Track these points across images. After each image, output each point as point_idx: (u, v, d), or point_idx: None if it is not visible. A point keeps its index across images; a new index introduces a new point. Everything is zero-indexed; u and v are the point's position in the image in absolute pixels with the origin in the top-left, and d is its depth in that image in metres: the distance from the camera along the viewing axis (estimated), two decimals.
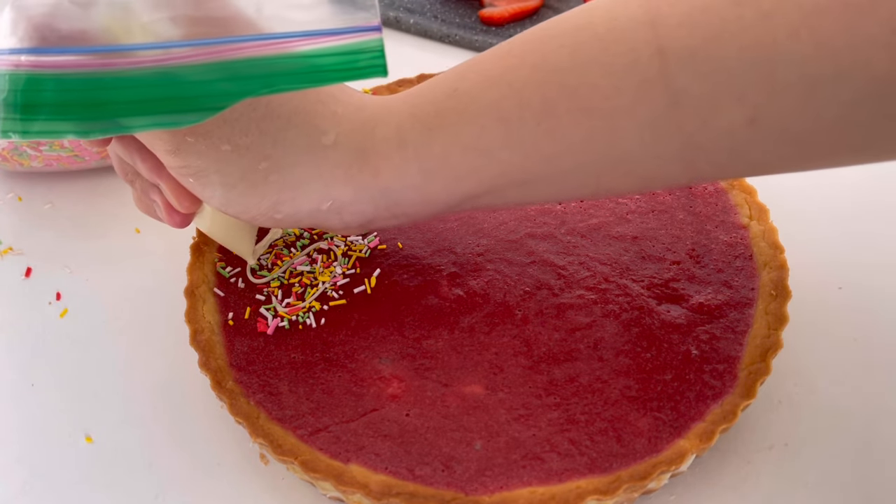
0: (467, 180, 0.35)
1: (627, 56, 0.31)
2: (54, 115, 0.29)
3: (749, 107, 0.30)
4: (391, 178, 0.35)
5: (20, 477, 0.40)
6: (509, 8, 0.65)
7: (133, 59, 0.29)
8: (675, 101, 0.31)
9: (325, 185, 0.35)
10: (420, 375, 0.39)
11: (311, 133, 0.35)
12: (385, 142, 0.35)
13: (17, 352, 0.46)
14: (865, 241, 0.48)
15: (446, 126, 0.34)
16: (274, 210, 0.36)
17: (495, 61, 0.34)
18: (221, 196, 0.35)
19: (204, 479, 0.39)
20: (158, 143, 0.34)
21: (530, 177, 0.34)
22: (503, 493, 0.35)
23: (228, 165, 0.34)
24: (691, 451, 0.36)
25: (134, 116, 0.30)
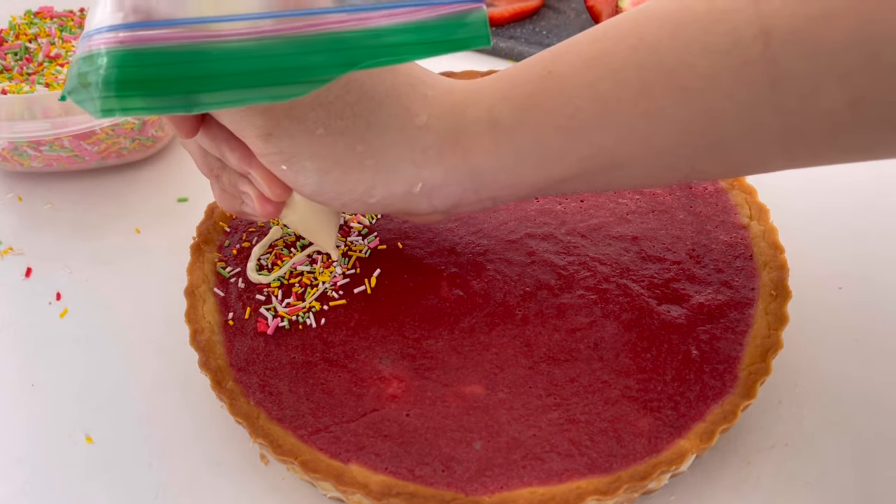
0: (559, 162, 0.34)
1: (729, 36, 0.31)
2: (153, 91, 0.29)
3: (852, 88, 0.29)
4: (482, 158, 0.35)
5: (20, 477, 0.40)
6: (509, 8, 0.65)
7: (226, 32, 0.29)
8: (777, 82, 0.30)
9: (417, 166, 0.35)
10: (420, 375, 0.39)
11: (403, 115, 0.35)
12: (476, 123, 0.35)
13: (17, 352, 0.46)
14: (865, 242, 0.48)
15: (539, 107, 0.34)
16: (368, 194, 0.35)
17: (590, 43, 0.34)
18: (315, 182, 0.35)
19: (204, 479, 0.39)
20: (250, 128, 0.34)
21: (623, 159, 0.34)
22: (503, 493, 0.35)
23: (323, 149, 0.34)
24: (691, 452, 0.36)
25: (229, 90, 0.29)
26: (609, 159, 0.34)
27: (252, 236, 0.45)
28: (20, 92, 0.53)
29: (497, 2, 0.66)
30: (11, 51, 0.57)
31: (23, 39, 0.58)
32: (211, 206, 0.47)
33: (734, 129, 0.32)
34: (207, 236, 0.45)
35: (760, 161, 0.33)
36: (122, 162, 0.55)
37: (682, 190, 0.46)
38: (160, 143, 0.56)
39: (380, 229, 0.45)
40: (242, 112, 0.33)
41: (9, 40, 0.58)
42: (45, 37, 0.59)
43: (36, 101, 0.49)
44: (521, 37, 0.64)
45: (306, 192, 0.36)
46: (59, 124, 0.49)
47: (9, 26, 0.59)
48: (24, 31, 0.59)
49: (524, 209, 0.46)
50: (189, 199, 0.53)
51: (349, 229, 0.45)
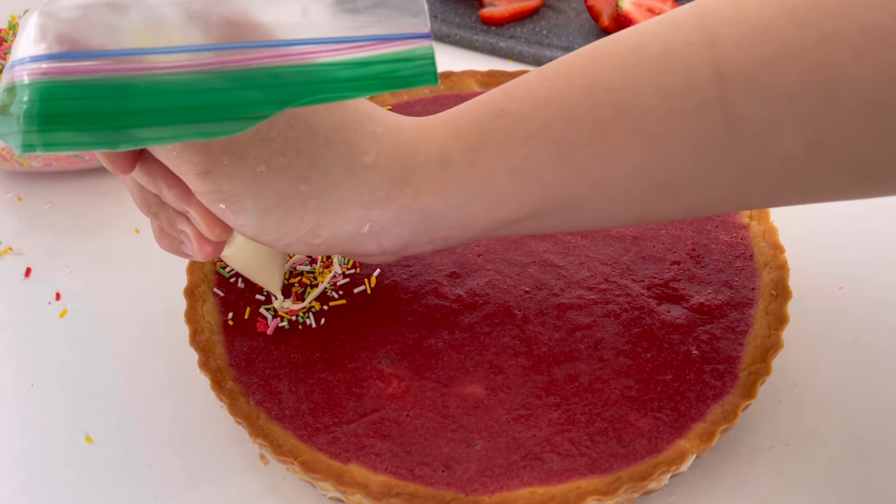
0: (511, 203, 0.34)
1: (684, 78, 0.30)
2: (77, 125, 0.27)
3: (809, 132, 0.29)
4: (433, 199, 0.34)
5: (20, 477, 0.40)
6: (509, 8, 0.65)
7: (162, 65, 0.28)
8: (733, 125, 0.30)
9: (364, 206, 0.34)
10: (420, 375, 0.39)
11: (350, 153, 0.34)
12: (427, 162, 0.34)
13: (17, 352, 0.46)
14: (866, 242, 0.47)
15: (493, 146, 0.33)
16: (312, 235, 0.34)
17: (542, 81, 0.33)
18: (256, 223, 0.33)
19: (204, 479, 0.39)
20: (188, 166, 0.32)
21: (576, 201, 0.33)
22: (503, 493, 0.35)
23: (264, 189, 0.33)
24: (692, 452, 0.36)
25: (162, 126, 0.28)
26: (562, 201, 0.33)
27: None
28: None
29: (497, 2, 0.66)
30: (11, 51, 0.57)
31: None
32: None
33: (690, 171, 0.31)
34: None
35: (715, 202, 0.33)
36: None
37: None
38: None
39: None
40: (179, 148, 0.32)
41: (9, 40, 0.58)
42: None
43: None
44: (521, 37, 0.64)
45: (247, 233, 0.34)
46: None
47: (8, 26, 0.59)
48: None
49: None
50: None
51: None
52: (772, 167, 0.30)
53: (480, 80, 0.53)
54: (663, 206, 0.33)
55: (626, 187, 0.32)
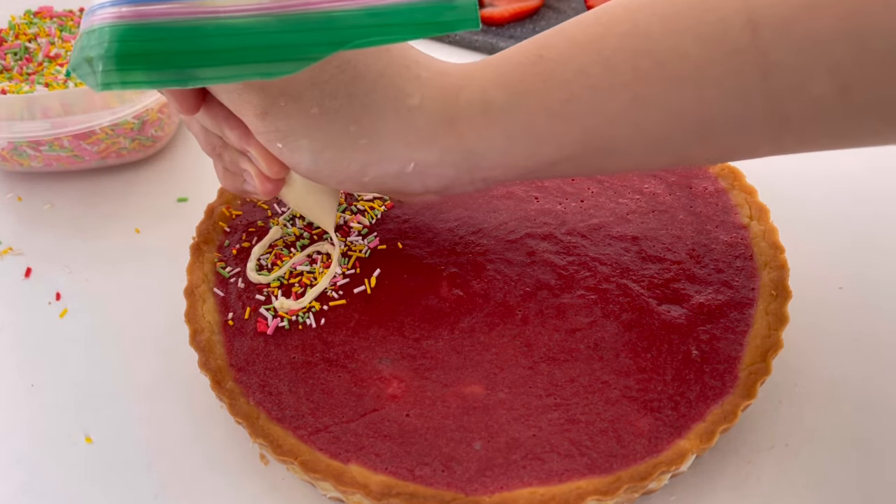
0: (550, 145, 0.35)
1: (718, 25, 0.31)
2: (150, 65, 0.30)
3: (841, 77, 0.30)
4: (475, 140, 0.35)
5: (20, 477, 0.40)
6: (509, 8, 0.65)
7: (226, 8, 0.30)
8: (766, 71, 0.31)
9: (410, 146, 0.35)
10: (420, 375, 0.39)
11: (397, 96, 0.35)
12: (469, 105, 0.35)
13: (17, 352, 0.46)
14: (865, 242, 0.48)
15: (532, 91, 0.34)
16: (362, 173, 0.36)
17: (582, 28, 0.35)
18: (310, 161, 0.35)
19: (204, 479, 0.39)
20: (247, 106, 0.34)
21: (613, 144, 0.34)
22: (503, 493, 0.35)
23: (318, 129, 0.35)
24: (692, 452, 0.36)
25: (225, 66, 0.30)
26: (601, 144, 0.34)
27: (252, 236, 0.45)
28: (20, 92, 0.53)
29: (497, 2, 0.66)
30: (11, 51, 0.57)
31: (22, 39, 0.58)
32: (211, 206, 0.47)
33: (724, 117, 0.32)
34: (207, 236, 0.45)
35: (750, 147, 0.34)
36: (121, 162, 0.55)
37: (682, 190, 0.46)
38: (160, 143, 0.56)
39: (380, 229, 0.45)
40: (240, 90, 0.34)
41: (8, 40, 0.58)
42: (44, 37, 0.59)
43: (36, 101, 0.49)
44: (521, 37, 0.64)
45: (302, 171, 0.36)
46: (58, 124, 0.49)
47: (8, 26, 0.59)
48: (24, 31, 0.59)
49: (524, 209, 0.46)
50: (189, 199, 0.53)
51: (349, 229, 0.45)
52: (804, 112, 0.31)
53: None
54: (699, 150, 0.34)
55: (662, 131, 0.33)
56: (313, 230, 0.45)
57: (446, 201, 0.46)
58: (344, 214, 0.46)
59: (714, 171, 0.47)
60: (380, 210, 0.46)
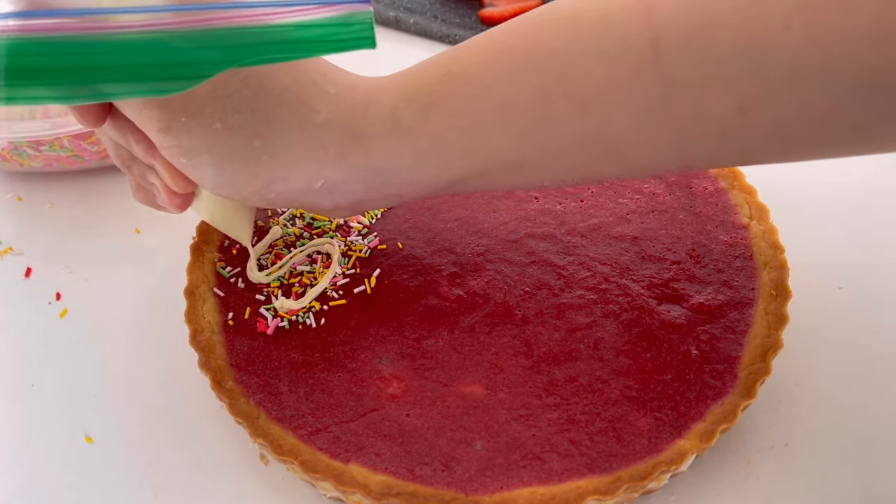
0: (459, 162, 0.35)
1: (621, 44, 0.31)
2: (39, 80, 0.29)
3: (739, 96, 0.30)
4: (383, 157, 0.35)
5: (20, 477, 0.40)
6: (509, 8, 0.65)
7: (120, 24, 0.29)
8: (668, 88, 0.31)
9: (317, 163, 0.35)
10: (420, 375, 0.39)
11: (302, 111, 0.35)
12: (378, 122, 0.35)
13: (17, 352, 0.46)
14: (865, 241, 0.48)
15: (440, 107, 0.34)
16: (266, 189, 0.35)
17: (488, 44, 0.35)
18: (213, 176, 0.35)
19: (204, 479, 0.39)
20: (149, 121, 0.34)
21: (522, 160, 0.34)
22: (503, 493, 0.35)
23: (220, 144, 0.34)
24: (691, 451, 0.36)
25: (119, 83, 0.29)
26: (509, 160, 0.34)
27: (251, 236, 0.45)
28: None
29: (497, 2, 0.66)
30: None
31: None
32: None
33: (628, 134, 0.33)
34: (207, 236, 0.45)
35: (656, 163, 0.34)
36: None
37: (682, 190, 0.46)
38: None
39: (380, 229, 0.45)
40: (142, 105, 0.34)
41: None
42: None
43: None
44: None
45: (206, 186, 0.36)
46: (59, 124, 0.49)
47: None
48: None
49: (524, 209, 0.46)
50: None
51: (349, 229, 0.45)
52: (705, 130, 0.32)
53: None
54: (607, 166, 0.34)
55: (568, 148, 0.34)
56: (313, 230, 0.45)
57: (446, 201, 0.46)
58: None
59: (714, 170, 0.47)
60: (380, 210, 0.46)
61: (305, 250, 0.44)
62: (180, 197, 0.38)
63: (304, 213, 0.46)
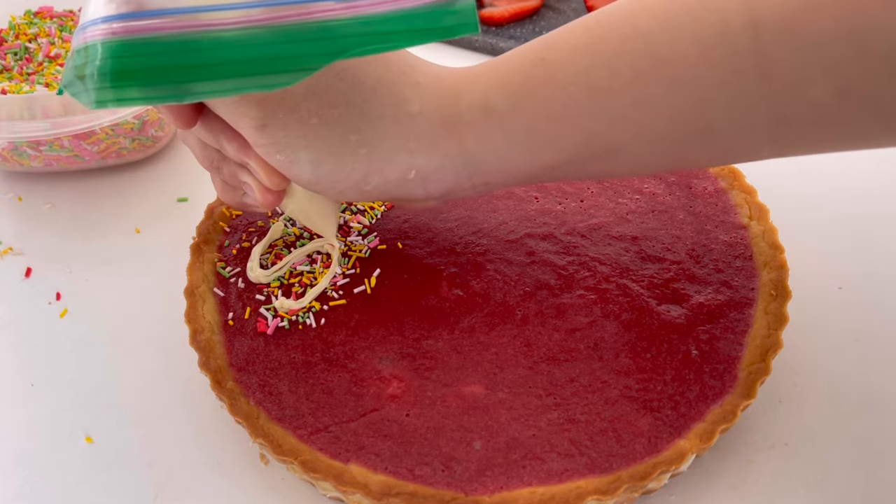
0: (551, 148, 0.35)
1: (719, 26, 0.31)
2: (145, 81, 0.29)
3: (839, 79, 0.30)
4: (476, 145, 0.35)
5: (20, 477, 0.40)
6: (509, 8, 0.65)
7: (218, 21, 0.29)
8: (766, 72, 0.31)
9: (411, 153, 0.35)
10: (420, 375, 0.39)
11: (396, 103, 0.35)
12: (470, 109, 0.35)
13: (17, 352, 0.46)
14: (865, 242, 0.48)
15: (533, 94, 0.34)
16: (363, 182, 0.36)
17: (583, 31, 0.34)
18: (311, 171, 0.35)
19: (204, 479, 0.39)
20: (245, 119, 0.34)
21: (614, 147, 0.34)
22: (503, 493, 0.35)
23: (317, 139, 0.34)
24: (691, 451, 0.36)
25: (221, 80, 0.29)
26: (601, 147, 0.34)
27: (252, 236, 0.45)
28: (20, 92, 0.53)
29: (497, 2, 0.66)
30: (11, 51, 0.57)
31: (23, 39, 0.58)
32: (211, 206, 0.47)
33: (724, 118, 0.32)
34: (207, 236, 0.45)
35: (749, 149, 0.34)
36: (122, 162, 0.55)
37: (682, 190, 0.46)
38: (160, 143, 0.56)
39: (380, 229, 0.45)
40: (237, 103, 0.34)
41: (9, 40, 0.58)
42: (44, 37, 0.59)
43: (36, 101, 0.49)
44: (521, 37, 0.64)
45: (302, 182, 0.36)
46: (59, 124, 0.49)
47: (9, 26, 0.59)
48: (24, 31, 0.59)
49: (524, 209, 0.46)
50: (189, 199, 0.53)
51: (349, 229, 0.45)
52: (803, 114, 0.31)
53: None
54: (699, 152, 0.34)
55: (662, 134, 0.33)
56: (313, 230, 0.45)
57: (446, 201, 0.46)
58: (344, 214, 0.46)
59: (714, 170, 0.47)
60: (380, 210, 0.46)
61: (305, 250, 0.44)
62: (273, 194, 0.38)
63: None
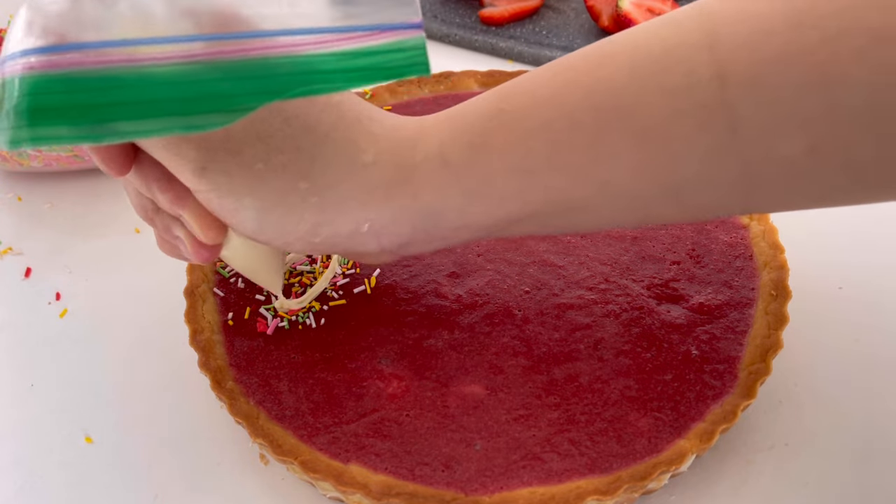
0: (510, 203, 0.33)
1: (686, 77, 0.30)
2: (65, 119, 0.27)
3: (810, 135, 0.28)
4: (432, 198, 0.33)
5: (19, 477, 0.40)
6: (509, 8, 0.65)
7: (150, 56, 0.27)
8: (735, 127, 0.29)
9: (363, 205, 0.33)
10: (420, 375, 0.39)
11: (349, 151, 0.33)
12: (426, 161, 0.33)
13: (17, 352, 0.46)
14: (865, 241, 0.48)
15: (491, 146, 0.33)
16: (312, 234, 0.34)
17: (544, 81, 0.33)
18: (255, 221, 0.33)
19: (204, 479, 0.39)
20: (183, 162, 0.32)
21: (576, 203, 0.33)
22: (503, 493, 0.35)
23: (263, 186, 0.32)
24: (691, 452, 0.36)
25: (152, 119, 0.27)
26: (563, 203, 0.33)
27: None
28: None
29: (497, 2, 0.66)
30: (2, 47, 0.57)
31: None
32: None
33: (692, 174, 0.31)
34: None
35: (718, 206, 0.32)
36: None
37: None
38: None
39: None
40: (175, 144, 0.32)
41: None
42: None
43: None
44: (521, 37, 0.64)
45: (246, 231, 0.34)
46: None
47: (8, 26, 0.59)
48: None
49: None
50: None
51: None
52: (773, 171, 0.30)
53: (480, 81, 0.53)
54: (667, 209, 0.33)
55: (628, 190, 0.32)
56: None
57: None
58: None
59: None
60: None
61: None
62: (208, 249, 0.36)
63: None
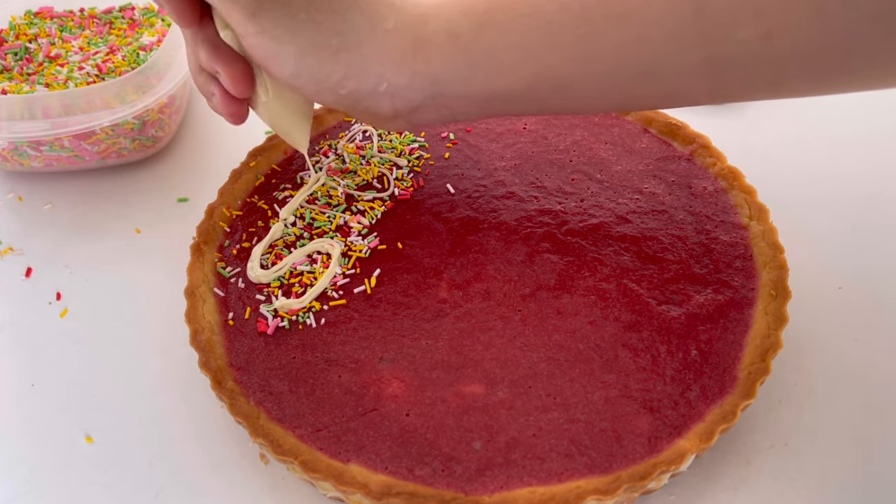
0: (508, 76, 0.37)
1: None
2: None
3: (764, 21, 0.31)
4: (440, 66, 0.38)
5: (21, 476, 0.40)
6: None
7: None
8: (700, 10, 0.33)
9: (383, 66, 0.38)
10: (420, 375, 0.39)
11: (373, 18, 0.38)
12: (437, 33, 0.37)
13: (18, 352, 0.46)
14: (865, 242, 0.48)
15: (493, 23, 0.37)
16: (339, 85, 0.38)
17: None
18: (293, 64, 0.38)
19: (204, 479, 0.39)
20: (237, 7, 0.37)
21: (567, 80, 0.36)
22: (503, 493, 0.35)
23: (303, 35, 0.37)
24: (691, 451, 0.36)
25: None
26: (555, 79, 0.37)
27: (252, 236, 0.45)
28: (20, 92, 0.53)
29: None
30: (11, 51, 0.57)
31: (23, 39, 0.58)
32: (211, 206, 0.47)
33: (663, 55, 0.34)
34: (207, 236, 0.45)
35: (688, 90, 0.36)
36: (122, 162, 0.55)
37: (682, 190, 0.46)
38: (160, 144, 0.56)
39: (380, 229, 0.45)
40: None
41: (9, 40, 0.58)
42: (45, 37, 0.59)
43: (36, 101, 0.49)
44: None
45: (284, 76, 0.38)
46: (59, 124, 0.49)
47: (9, 26, 0.59)
48: (24, 32, 0.59)
49: (524, 209, 0.46)
50: (189, 199, 0.53)
51: (349, 229, 0.45)
52: (733, 55, 0.33)
53: None
54: (642, 91, 0.36)
55: (609, 69, 0.36)
56: (313, 230, 0.45)
57: (447, 201, 0.46)
58: (344, 215, 0.46)
59: (714, 171, 0.47)
60: (380, 210, 0.46)
61: (305, 250, 0.44)
62: (237, 103, 0.42)
63: (305, 214, 0.46)
